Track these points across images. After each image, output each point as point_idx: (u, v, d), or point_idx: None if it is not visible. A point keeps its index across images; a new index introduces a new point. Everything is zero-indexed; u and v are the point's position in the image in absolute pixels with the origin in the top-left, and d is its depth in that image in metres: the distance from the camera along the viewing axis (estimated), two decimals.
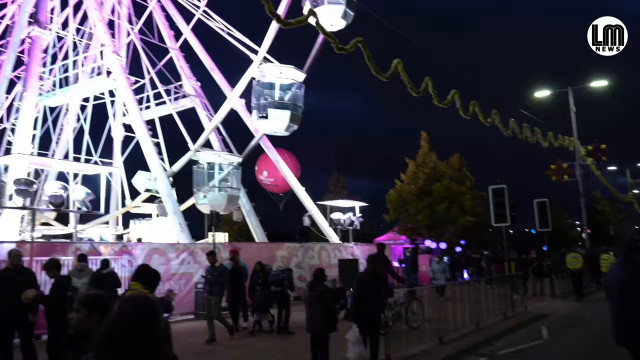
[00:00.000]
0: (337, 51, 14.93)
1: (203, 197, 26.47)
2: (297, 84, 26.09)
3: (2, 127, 30.40)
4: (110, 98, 29.69)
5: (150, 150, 25.31)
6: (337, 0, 23.82)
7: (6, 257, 10.92)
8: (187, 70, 31.98)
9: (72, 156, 25.96)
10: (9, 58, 28.27)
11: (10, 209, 19.16)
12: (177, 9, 31.47)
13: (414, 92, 17.20)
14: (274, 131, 26.57)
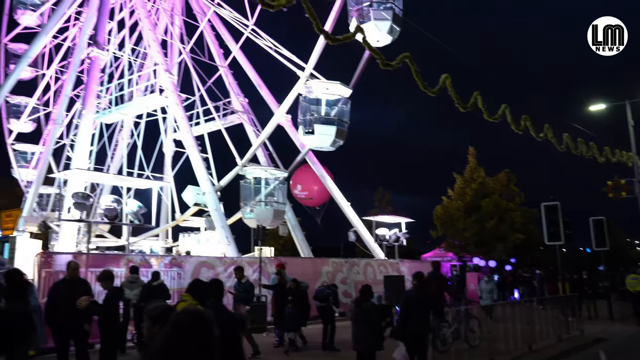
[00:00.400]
0: (382, 67, 14.92)
1: (250, 212, 26.82)
2: (343, 99, 26.18)
3: (62, 143, 31.99)
4: (162, 115, 30.70)
5: (199, 165, 25.94)
6: (383, 16, 23.85)
7: (65, 267, 11.39)
8: (235, 87, 32.74)
9: (126, 171, 26.95)
10: (69, 78, 29.90)
11: (68, 221, 19.99)
12: (226, 28, 32.39)
13: (461, 108, 16.95)
14: (320, 146, 26.68)
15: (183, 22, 32.99)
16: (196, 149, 26.42)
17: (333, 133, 25.50)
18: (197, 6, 32.32)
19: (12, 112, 35.84)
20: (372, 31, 22.86)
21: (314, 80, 26.08)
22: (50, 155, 30.20)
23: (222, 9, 30.39)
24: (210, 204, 25.68)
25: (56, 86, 35.52)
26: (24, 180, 34.77)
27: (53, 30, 31.94)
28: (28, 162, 35.66)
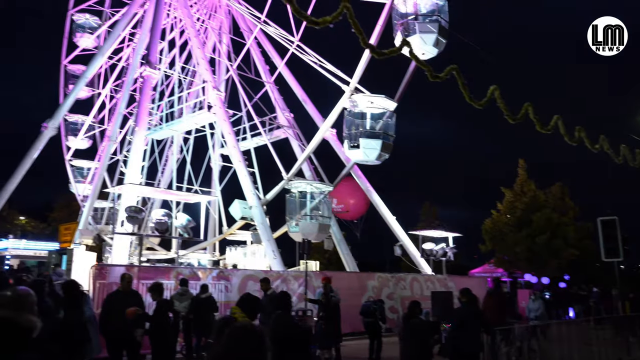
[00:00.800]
0: (430, 79, 14.78)
1: (295, 225, 26.95)
2: (388, 112, 26.06)
3: (115, 159, 33.28)
4: (210, 130, 31.49)
5: (246, 180, 26.35)
6: (429, 29, 23.68)
7: (118, 279, 11.75)
8: (281, 102, 33.24)
9: (175, 185, 27.69)
10: (123, 96, 31.18)
11: (122, 234, 20.68)
12: (272, 45, 33.01)
13: (511, 119, 16.53)
14: (366, 160, 26.60)
15: (230, 40, 33.88)
16: (243, 163, 26.87)
17: (379, 147, 25.39)
18: (244, 24, 33.17)
19: (70, 130, 37.60)
20: (418, 44, 22.72)
21: (359, 94, 26.10)
22: (104, 170, 31.42)
23: (268, 26, 31.01)
24: (257, 217, 25.98)
25: (111, 104, 37.07)
26: (81, 194, 36.29)
27: (109, 51, 33.48)
28: (84, 177, 37.23)
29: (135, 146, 25.39)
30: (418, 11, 24.21)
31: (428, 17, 24.23)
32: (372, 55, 16.77)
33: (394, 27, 24.91)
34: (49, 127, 31.25)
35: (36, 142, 31.03)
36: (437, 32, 23.87)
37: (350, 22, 12.82)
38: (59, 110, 32.74)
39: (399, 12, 24.75)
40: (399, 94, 26.34)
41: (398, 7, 24.78)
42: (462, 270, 41.31)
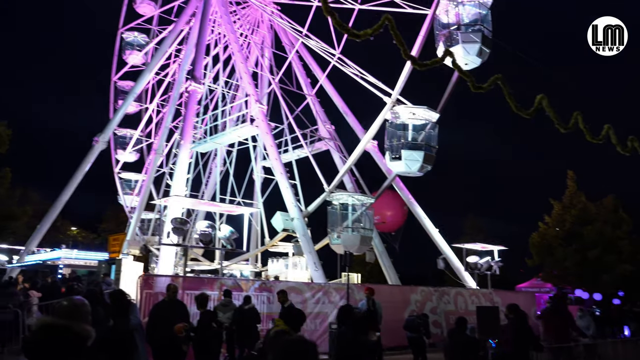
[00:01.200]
0: (473, 90, 14.55)
1: (337, 238, 26.90)
2: (430, 124, 25.78)
3: (162, 172, 34.21)
4: (252, 143, 31.98)
5: (287, 192, 26.55)
6: (472, 39, 23.35)
7: (163, 289, 12.00)
8: (322, 114, 33.44)
9: (219, 197, 28.16)
10: (169, 110, 32.13)
11: (168, 245, 21.15)
12: (313, 58, 33.34)
13: (562, 129, 16.02)
14: (408, 172, 26.34)
15: (272, 54, 34.43)
16: (285, 175, 27.10)
17: (421, 158, 25.10)
18: (286, 38, 33.67)
19: (119, 144, 38.97)
20: (461, 54, 22.43)
21: (401, 105, 25.94)
22: (151, 182, 32.33)
23: (309, 39, 31.33)
24: (299, 229, 26.09)
25: (157, 118, 38.25)
26: (128, 206, 37.45)
27: (156, 67, 34.68)
28: (132, 189, 38.44)
29: (180, 159, 26.05)
30: (460, 21, 23.95)
31: (471, 27, 23.91)
32: (414, 67, 16.65)
33: (436, 38, 24.70)
34: (100, 141, 32.51)
35: (88, 156, 32.31)
36: (480, 42, 23.50)
37: (392, 33, 12.80)
38: (109, 124, 34.03)
39: (441, 23, 24.55)
40: (442, 105, 26.02)
41: (440, 17, 24.59)
42: (508, 284, 40.09)
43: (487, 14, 24.29)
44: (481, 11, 24.08)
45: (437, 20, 24.66)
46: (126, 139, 38.90)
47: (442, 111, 26.23)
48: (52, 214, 32.42)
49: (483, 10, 24.07)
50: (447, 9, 24.40)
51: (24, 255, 31.94)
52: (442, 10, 24.51)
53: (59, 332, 3.12)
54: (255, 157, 32.79)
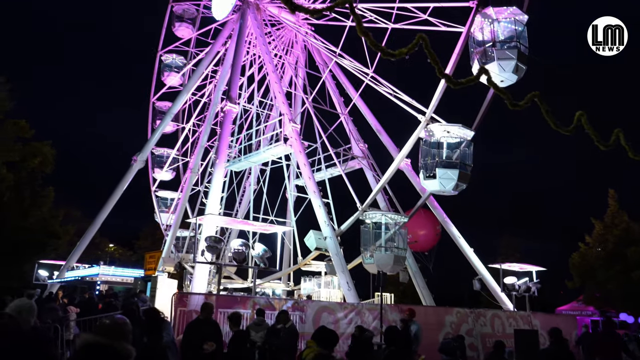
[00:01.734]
0: (510, 107, 14.29)
1: (370, 257, 26.62)
2: (465, 141, 25.45)
3: (197, 190, 34.77)
4: (286, 162, 32.21)
5: (320, 210, 26.54)
6: (507, 55, 23.07)
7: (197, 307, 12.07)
8: (355, 133, 33.48)
9: (252, 215, 28.38)
10: (205, 130, 32.77)
11: (202, 263, 21.37)
12: (346, 77, 33.54)
13: (602, 146, 15.53)
14: (442, 191, 26.00)
15: (306, 73, 34.81)
16: (317, 194, 27.12)
17: (455, 177, 24.76)
18: (319, 58, 34.02)
19: (156, 162, 39.91)
20: (496, 71, 22.17)
21: (435, 123, 25.74)
22: (186, 201, 32.89)
23: (343, 59, 31.57)
24: (331, 248, 25.97)
25: (193, 138, 39.07)
26: (164, 224, 38.14)
27: (193, 88, 35.55)
28: (168, 207, 39.17)
29: (215, 178, 26.44)
30: (496, 38, 23.71)
31: (506, 44, 23.65)
32: (449, 85, 16.53)
33: (471, 55, 24.51)
34: (138, 160, 33.37)
35: (126, 175, 33.19)
36: (516, 59, 23.20)
37: (426, 52, 12.75)
38: (147, 144, 34.94)
39: (476, 40, 24.37)
40: (477, 123, 25.70)
41: (475, 34, 24.42)
42: (547, 307, 38.76)
43: (523, 31, 23.99)
44: (517, 28, 23.80)
45: (472, 37, 24.50)
46: (163, 158, 39.82)
47: (477, 129, 25.90)
48: (91, 231, 33.32)
49: (519, 27, 23.78)
50: (482, 27, 24.22)
51: (64, 271, 32.81)
52: (476, 27, 24.35)
53: (101, 351, 3.16)
54: (289, 175, 32.99)
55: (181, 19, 39.97)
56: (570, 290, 40.09)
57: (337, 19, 31.06)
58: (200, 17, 40.15)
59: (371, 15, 29.63)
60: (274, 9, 33.61)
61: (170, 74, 40.62)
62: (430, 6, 26.75)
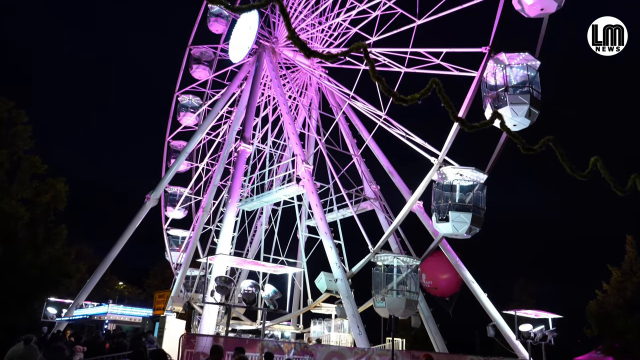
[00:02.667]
0: (524, 152, 14.27)
1: (381, 300, 26.15)
2: (478, 185, 25.33)
3: (208, 229, 34.76)
4: (297, 202, 32.20)
5: (331, 252, 26.31)
6: (520, 100, 23.21)
7: (204, 349, 11.83)
8: (367, 174, 33.53)
9: (263, 256, 28.19)
10: (218, 169, 33.06)
11: (211, 304, 21.09)
12: (359, 119, 33.88)
13: (619, 192, 15.36)
14: (455, 234, 25.72)
15: (319, 115, 35.25)
16: (329, 235, 26.95)
17: (469, 220, 24.53)
18: (333, 100, 34.53)
19: (169, 201, 40.17)
20: (509, 116, 22.27)
21: (448, 166, 25.71)
22: (197, 240, 32.85)
23: (356, 101, 31.97)
24: (342, 291, 25.59)
25: (206, 177, 39.40)
26: (175, 262, 38.02)
27: (207, 128, 36.12)
28: (179, 246, 39.15)
29: (227, 218, 26.46)
30: (508, 83, 23.92)
31: (519, 89, 23.83)
32: (462, 128, 16.60)
33: (484, 99, 24.69)
34: (151, 198, 33.61)
35: (139, 213, 33.36)
36: (528, 103, 23.32)
37: (439, 96, 12.87)
38: (161, 182, 35.26)
39: (489, 85, 24.61)
40: (490, 166, 25.63)
41: (487, 79, 24.67)
42: (564, 356, 37.48)
43: (536, 76, 24.21)
44: (529, 73, 24.02)
45: (485, 82, 24.74)
46: (176, 196, 40.10)
47: (491, 172, 25.81)
48: (101, 269, 33.29)
49: (531, 73, 24.02)
50: (495, 72, 24.50)
51: (73, 309, 32.60)
52: (489, 72, 24.63)
53: None
54: (300, 216, 32.92)
55: (199, 62, 41.05)
56: (588, 338, 38.78)
57: (351, 62, 31.65)
58: (217, 59, 41.20)
59: (385, 60, 30.17)
60: (289, 52, 34.39)
61: (186, 114, 41.40)
62: (443, 51, 27.18)
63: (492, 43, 24.58)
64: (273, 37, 34.76)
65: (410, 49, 28.95)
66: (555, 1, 23.37)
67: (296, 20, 34.33)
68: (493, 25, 24.96)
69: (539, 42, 24.72)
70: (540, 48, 24.69)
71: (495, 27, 24.77)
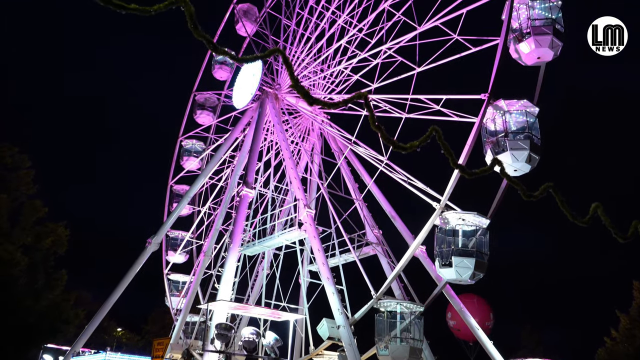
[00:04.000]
0: (525, 198, 14.29)
1: (384, 348, 25.63)
2: (481, 230, 25.24)
3: (209, 274, 34.44)
4: (299, 247, 32.00)
5: (334, 298, 25.98)
6: (520, 146, 23.46)
7: None
8: (370, 219, 33.49)
9: (264, 301, 27.80)
10: (220, 213, 33.09)
11: (211, 352, 20.71)
12: (361, 164, 34.11)
13: (620, 239, 15.27)
14: (459, 280, 25.42)
15: (322, 160, 35.54)
16: (331, 281, 26.67)
17: (472, 265, 24.31)
18: (335, 145, 34.91)
19: (170, 245, 39.94)
20: (509, 161, 22.45)
21: (450, 211, 25.69)
22: (198, 284, 32.50)
23: (357, 146, 32.28)
24: (345, 338, 25.11)
25: (208, 221, 39.32)
26: (174, 308, 37.44)
27: (210, 172, 36.35)
28: (179, 291, 38.64)
29: (229, 263, 26.32)
30: (508, 129, 24.24)
31: (518, 134, 24.11)
32: (463, 175, 16.68)
33: (484, 145, 24.94)
34: (153, 242, 33.49)
35: (140, 257, 33.16)
36: (529, 149, 23.55)
37: (439, 143, 13.03)
38: (163, 226, 35.22)
39: (488, 130, 24.92)
40: (492, 211, 25.60)
41: (487, 125, 25.00)
42: None
43: (535, 122, 24.54)
44: (529, 119, 24.37)
45: (484, 127, 25.06)
46: (177, 240, 39.89)
47: (493, 216, 25.75)
48: (100, 315, 32.79)
49: (530, 119, 24.37)
50: (494, 118, 24.85)
51: (69, 357, 31.91)
52: (488, 118, 24.97)
53: None
54: (302, 260, 32.64)
55: (202, 107, 41.73)
56: None
57: (353, 109, 32.17)
58: (221, 105, 41.91)
59: (385, 105, 30.68)
60: (291, 98, 35.03)
61: (189, 158, 41.73)
62: (442, 98, 27.66)
63: (490, 90, 25.03)
64: (276, 84, 35.49)
65: (410, 96, 29.49)
66: (552, 50, 23.98)
67: (298, 67, 35.16)
68: (492, 72, 25.50)
69: (537, 89, 25.23)
70: (538, 95, 25.14)
71: (493, 75, 25.28)
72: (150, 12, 10.18)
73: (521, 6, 25.42)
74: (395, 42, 31.12)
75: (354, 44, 34.34)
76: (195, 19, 10.71)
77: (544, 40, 24.03)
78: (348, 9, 34.38)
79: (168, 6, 10.43)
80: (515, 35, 24.98)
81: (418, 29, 29.89)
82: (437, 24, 28.90)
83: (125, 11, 10.12)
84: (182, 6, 10.56)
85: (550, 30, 24.04)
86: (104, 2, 9.74)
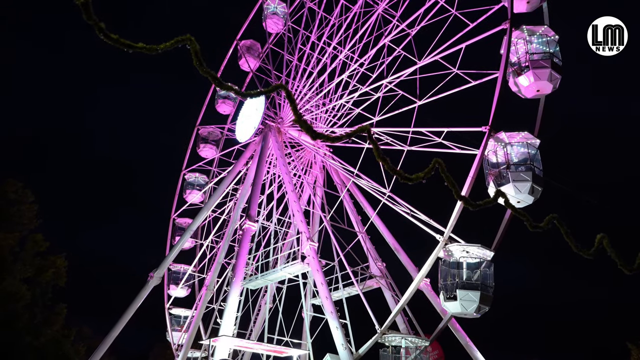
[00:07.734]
0: (531, 229, 14.29)
1: None
2: (486, 262, 25.06)
3: (211, 308, 34.06)
4: (302, 280, 31.73)
5: (337, 332, 25.59)
6: (522, 177, 23.53)
7: None
8: (373, 251, 33.30)
9: (267, 336, 27.40)
10: (223, 247, 32.98)
11: None
12: (364, 196, 34.16)
13: (626, 270, 15.18)
14: (464, 313, 25.10)
15: (324, 192, 35.59)
16: (335, 315, 26.33)
17: (477, 298, 24.04)
18: (337, 178, 35.03)
19: (172, 279, 39.62)
20: (512, 193, 22.49)
21: (454, 243, 25.56)
22: (200, 319, 32.09)
23: (360, 179, 32.37)
24: None
25: (211, 254, 39.09)
26: (176, 343, 36.86)
27: (213, 205, 36.38)
28: (181, 325, 38.10)
29: (231, 297, 26.08)
30: (510, 161, 24.38)
31: (521, 166, 24.22)
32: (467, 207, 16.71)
33: (486, 176, 25.02)
34: (155, 276, 33.26)
35: (141, 291, 32.88)
36: (531, 180, 23.61)
37: (442, 176, 13.10)
38: (165, 260, 35.05)
39: (490, 162, 25.05)
40: (496, 243, 25.46)
41: (489, 157, 25.13)
42: None
43: (536, 153, 24.68)
44: (530, 150, 24.52)
45: (486, 160, 25.18)
46: (179, 274, 39.59)
47: (497, 249, 25.60)
48: (100, 351, 32.31)
49: (532, 150, 24.52)
50: (496, 150, 25.01)
51: None
52: (490, 150, 25.13)
53: None
54: (305, 294, 32.32)
55: (206, 141, 42.10)
56: None
57: (355, 141, 32.40)
58: (224, 139, 42.28)
59: (387, 138, 30.92)
60: (294, 132, 35.35)
61: (192, 191, 41.84)
62: (444, 130, 27.90)
63: (491, 122, 25.27)
64: (278, 118, 35.87)
65: (412, 129, 29.75)
66: (550, 83, 24.34)
67: (301, 101, 35.63)
68: (492, 105, 25.80)
69: (537, 121, 25.48)
70: (539, 127, 25.38)
71: (494, 107, 25.58)
72: (156, 51, 10.43)
73: (519, 41, 25.94)
74: (396, 76, 31.65)
75: (355, 78, 34.91)
76: (200, 56, 10.98)
77: (542, 74, 24.43)
78: (349, 44, 35.07)
79: (174, 44, 10.69)
80: (514, 69, 25.41)
81: (418, 64, 30.43)
82: (437, 59, 29.44)
83: (133, 50, 10.38)
84: (187, 44, 10.82)
85: (548, 64, 24.47)
86: (112, 42, 10.00)
